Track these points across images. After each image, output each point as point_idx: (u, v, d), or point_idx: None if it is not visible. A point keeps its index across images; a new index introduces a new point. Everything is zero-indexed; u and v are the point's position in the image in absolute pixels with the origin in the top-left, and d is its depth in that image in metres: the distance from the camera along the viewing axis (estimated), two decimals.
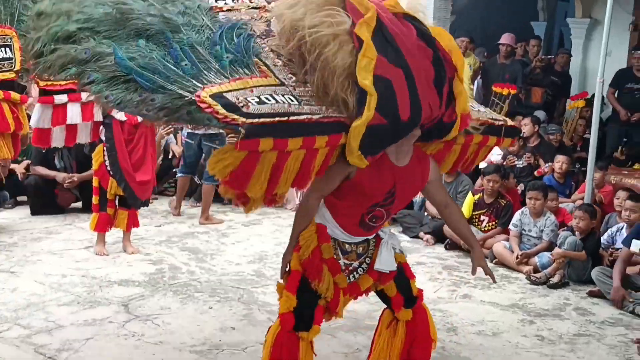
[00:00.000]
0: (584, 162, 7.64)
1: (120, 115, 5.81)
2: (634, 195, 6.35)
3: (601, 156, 8.27)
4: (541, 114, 9.84)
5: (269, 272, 5.94)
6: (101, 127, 5.94)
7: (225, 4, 3.61)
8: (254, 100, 2.80)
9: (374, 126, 2.94)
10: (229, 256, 6.41)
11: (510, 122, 3.87)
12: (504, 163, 7.98)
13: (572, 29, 11.74)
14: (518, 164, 8.10)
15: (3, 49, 5.05)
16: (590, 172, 6.72)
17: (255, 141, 2.71)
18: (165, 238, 6.95)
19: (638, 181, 6.82)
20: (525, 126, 8.56)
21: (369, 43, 2.95)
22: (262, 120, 2.71)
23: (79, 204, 7.94)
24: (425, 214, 7.62)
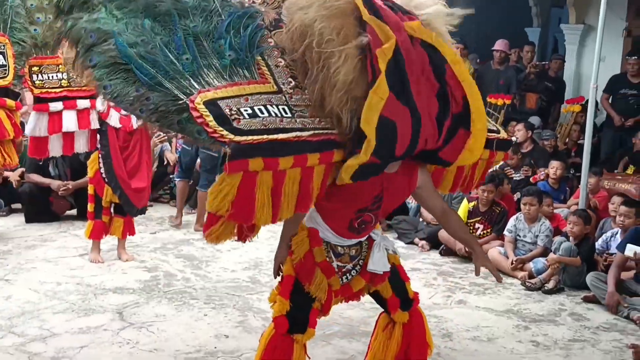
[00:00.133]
0: (578, 168, 7.67)
1: (115, 122, 5.82)
2: (628, 201, 6.37)
3: (596, 162, 8.30)
4: (536, 119, 9.88)
5: (264, 279, 5.93)
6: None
7: None
8: (246, 111, 2.78)
9: (366, 164, 2.95)
10: (224, 263, 6.40)
11: (503, 134, 3.83)
12: (497, 169, 7.98)
13: (566, 35, 11.78)
14: (515, 176, 8.10)
15: None
16: (584, 178, 6.75)
17: (244, 161, 2.69)
18: (160, 245, 6.95)
19: (631, 186, 6.85)
20: (519, 132, 8.60)
21: (383, 79, 2.87)
22: (250, 138, 2.70)
23: (73, 212, 7.92)
24: (421, 219, 7.63)
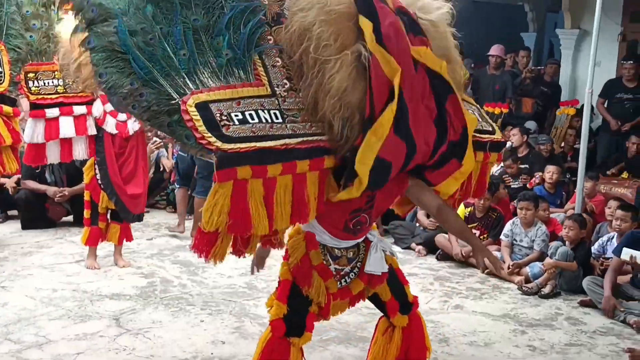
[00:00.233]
0: (574, 172, 7.66)
1: (111, 129, 5.81)
2: (624, 205, 6.38)
3: (592, 166, 8.31)
4: (532, 124, 9.89)
5: (260, 285, 5.93)
6: None
7: None
8: (236, 117, 2.79)
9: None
10: (220, 269, 6.34)
11: (498, 135, 3.82)
12: (495, 175, 7.99)
13: (561, 40, 11.81)
14: (514, 185, 8.10)
15: None
16: (580, 182, 6.74)
17: (232, 170, 2.72)
18: (157, 251, 6.94)
19: (627, 190, 6.86)
20: (514, 136, 8.61)
21: (384, 123, 2.91)
22: (237, 146, 2.71)
23: (70, 218, 7.92)
24: (417, 224, 7.63)
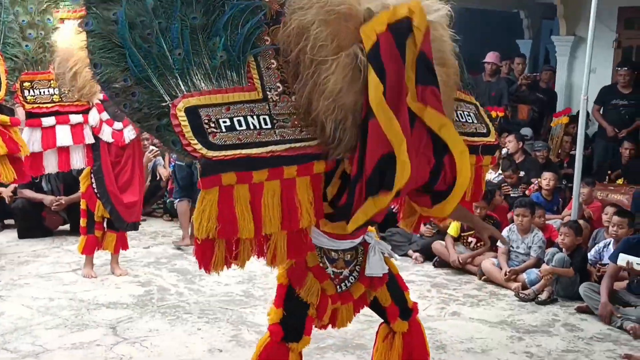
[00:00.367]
0: (570, 179, 7.68)
1: (107, 137, 5.82)
2: (621, 211, 6.39)
3: (588, 173, 8.32)
4: (527, 130, 9.91)
5: (257, 293, 5.92)
6: None
7: None
8: (224, 123, 2.78)
9: None
10: (217, 277, 6.29)
11: (491, 137, 3.77)
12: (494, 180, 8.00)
13: (557, 47, 11.85)
14: (513, 194, 8.10)
15: None
16: (576, 189, 6.75)
17: (217, 177, 2.70)
18: (154, 259, 6.93)
19: (624, 197, 6.87)
20: (510, 143, 8.62)
21: (386, 200, 2.92)
22: (222, 154, 2.71)
23: (66, 227, 7.91)
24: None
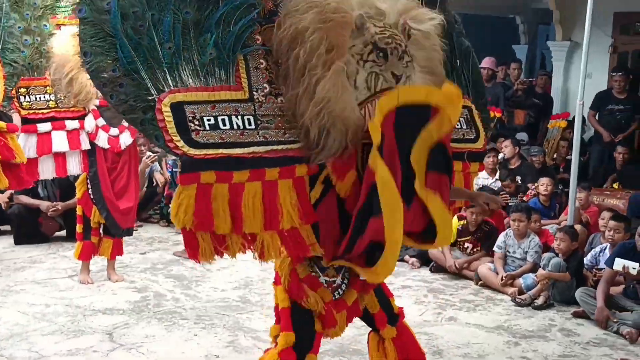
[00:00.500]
0: (567, 184, 7.68)
1: (103, 143, 5.81)
2: (617, 216, 6.40)
3: (584, 178, 8.33)
4: (523, 135, 9.93)
5: (254, 298, 5.92)
6: None
7: None
8: (208, 122, 2.79)
9: None
10: (214, 282, 6.38)
11: (479, 143, 3.75)
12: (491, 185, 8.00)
13: (552, 52, 11.88)
14: (512, 202, 8.09)
15: None
16: (572, 194, 6.75)
17: (196, 174, 2.72)
18: (150, 265, 6.92)
19: (620, 201, 6.88)
20: (506, 148, 8.63)
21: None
22: (204, 152, 2.73)
23: (63, 233, 7.89)
24: None
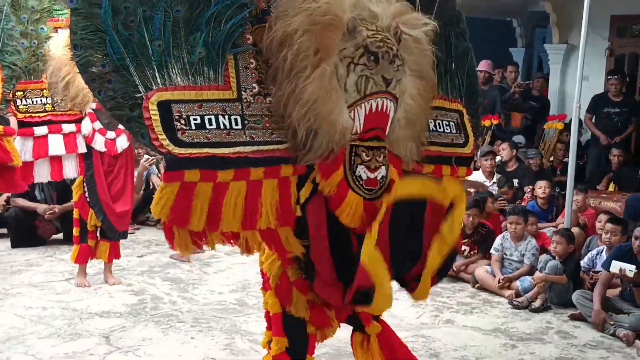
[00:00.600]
0: (564, 186, 7.69)
1: (100, 147, 5.81)
2: (613, 218, 6.40)
3: (582, 180, 8.34)
4: (520, 138, 9.95)
5: (251, 301, 5.91)
6: None
7: None
8: (195, 121, 2.77)
9: None
10: (211, 285, 6.38)
11: (467, 149, 3.73)
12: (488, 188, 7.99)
13: (549, 55, 11.89)
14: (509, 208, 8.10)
15: None
16: (569, 196, 6.75)
17: (180, 173, 2.70)
18: (147, 268, 6.92)
19: (616, 204, 6.88)
20: (503, 150, 8.64)
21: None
22: (188, 152, 2.71)
23: (60, 236, 7.89)
24: None
